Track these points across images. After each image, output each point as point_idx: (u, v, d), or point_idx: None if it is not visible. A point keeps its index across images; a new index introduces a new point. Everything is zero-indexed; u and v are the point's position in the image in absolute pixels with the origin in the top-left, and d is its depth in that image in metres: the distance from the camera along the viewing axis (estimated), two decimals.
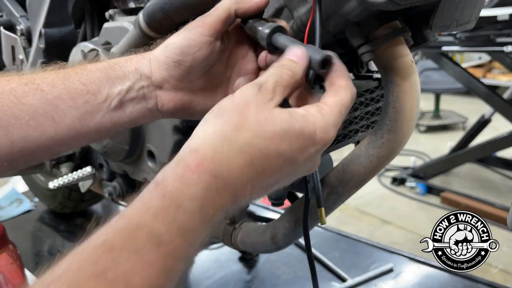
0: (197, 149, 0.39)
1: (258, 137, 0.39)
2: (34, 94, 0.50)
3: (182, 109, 0.55)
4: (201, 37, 0.51)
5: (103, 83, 0.52)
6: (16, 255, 1.01)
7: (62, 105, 0.51)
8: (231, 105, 0.41)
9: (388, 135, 0.62)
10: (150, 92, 0.53)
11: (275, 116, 0.41)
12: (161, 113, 0.55)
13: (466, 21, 0.56)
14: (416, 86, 0.61)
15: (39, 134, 0.50)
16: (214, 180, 0.38)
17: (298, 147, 0.41)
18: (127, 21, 0.73)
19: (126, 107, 0.53)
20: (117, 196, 1.00)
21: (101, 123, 0.53)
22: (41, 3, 0.93)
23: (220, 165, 0.38)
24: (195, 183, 0.37)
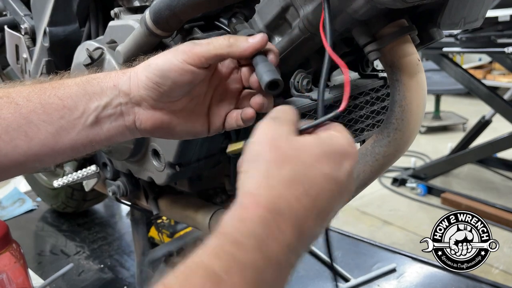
0: (251, 192, 0.38)
1: (301, 166, 0.40)
2: (8, 108, 0.50)
3: (161, 128, 0.54)
4: (183, 64, 0.50)
5: (80, 98, 0.51)
6: (19, 254, 1.01)
7: (36, 120, 0.50)
8: (261, 147, 0.41)
9: (394, 133, 0.62)
10: (128, 109, 0.52)
11: (304, 143, 0.41)
12: (139, 131, 0.54)
13: (474, 19, 0.57)
14: (423, 84, 0.61)
15: (12, 149, 0.49)
16: (272, 215, 0.36)
17: (336, 164, 0.41)
18: (132, 19, 0.73)
19: (103, 124, 0.52)
20: (121, 195, 1.00)
21: (77, 140, 0.52)
22: (46, 2, 0.93)
23: (277, 201, 0.37)
24: (253, 220, 0.36)
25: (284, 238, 0.36)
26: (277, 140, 0.41)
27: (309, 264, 1.26)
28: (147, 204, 1.03)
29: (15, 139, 0.49)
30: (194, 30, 0.65)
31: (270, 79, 0.49)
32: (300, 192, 0.38)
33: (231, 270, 0.33)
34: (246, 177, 0.40)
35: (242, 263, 0.34)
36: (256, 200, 0.37)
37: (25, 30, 1.03)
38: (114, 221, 1.82)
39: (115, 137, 0.54)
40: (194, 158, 0.83)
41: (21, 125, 0.49)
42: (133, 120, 0.53)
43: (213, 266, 0.33)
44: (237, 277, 0.33)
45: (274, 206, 0.37)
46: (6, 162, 0.50)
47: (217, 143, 0.84)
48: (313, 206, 0.39)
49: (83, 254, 1.56)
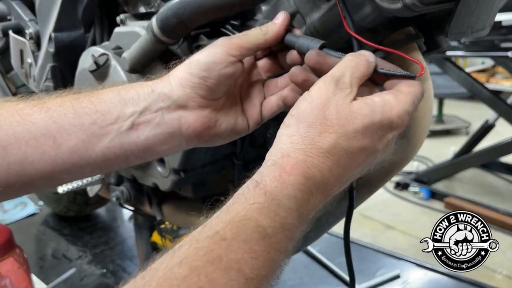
0: (289, 154, 0.41)
1: (342, 138, 0.42)
2: (39, 113, 0.48)
3: (209, 128, 0.52)
4: (226, 55, 0.50)
5: (114, 103, 0.49)
6: (23, 259, 1.01)
7: (66, 125, 0.47)
8: (311, 107, 0.43)
9: (400, 141, 0.62)
10: (171, 114, 0.50)
11: (355, 114, 0.42)
12: (185, 137, 0.52)
13: (482, 27, 0.56)
14: (429, 92, 0.61)
15: (39, 156, 0.47)
16: (307, 181, 0.40)
17: (378, 137, 0.43)
18: (138, 25, 0.73)
19: (140, 131, 0.49)
20: (124, 200, 1.00)
21: (109, 148, 0.49)
22: (51, 8, 0.93)
23: (312, 168, 0.40)
24: (292, 184, 0.39)
25: (314, 202, 0.41)
26: (328, 105, 0.42)
27: (313, 271, 1.26)
28: (151, 210, 1.03)
29: (42, 145, 0.47)
30: (200, 37, 0.65)
31: (321, 43, 0.51)
32: (334, 163, 0.41)
33: (276, 226, 0.38)
34: (286, 132, 0.43)
35: (284, 222, 0.38)
36: (293, 164, 0.40)
37: (30, 35, 1.03)
38: (116, 226, 1.82)
39: (155, 146, 0.51)
40: (199, 164, 0.83)
41: (50, 130, 0.47)
42: (179, 124, 0.51)
43: (262, 222, 0.37)
44: (280, 233, 0.38)
45: (309, 173, 0.40)
46: (32, 171, 0.47)
47: (222, 149, 0.84)
48: (342, 176, 0.43)
49: (85, 258, 1.55)
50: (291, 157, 0.41)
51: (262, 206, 0.38)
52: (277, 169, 0.40)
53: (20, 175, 0.47)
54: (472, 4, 0.52)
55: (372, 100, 0.44)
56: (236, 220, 0.37)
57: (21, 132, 0.46)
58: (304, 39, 0.53)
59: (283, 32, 0.53)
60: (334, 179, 0.42)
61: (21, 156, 0.46)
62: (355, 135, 0.42)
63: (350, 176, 0.44)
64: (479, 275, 2.04)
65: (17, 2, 1.14)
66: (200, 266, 0.35)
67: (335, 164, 0.41)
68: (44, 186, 0.51)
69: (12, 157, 0.46)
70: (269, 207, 0.38)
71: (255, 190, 0.39)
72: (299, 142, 0.41)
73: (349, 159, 0.42)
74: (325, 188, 0.42)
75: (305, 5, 0.60)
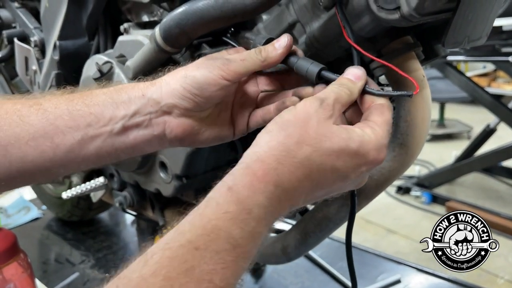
0: (263, 159, 0.42)
1: (317, 153, 0.43)
2: (37, 114, 0.51)
3: (191, 135, 0.55)
4: (221, 79, 0.51)
5: (106, 106, 0.52)
6: (27, 264, 1.02)
7: (62, 126, 0.51)
8: (293, 118, 0.44)
9: (399, 148, 0.63)
10: (158, 118, 0.53)
11: (333, 134, 0.44)
12: (168, 140, 0.55)
13: (478, 37, 0.57)
14: (428, 100, 0.62)
15: (38, 155, 0.50)
16: (276, 189, 0.41)
17: (352, 165, 0.44)
18: (141, 34, 0.75)
19: (130, 133, 0.53)
20: (127, 205, 1.01)
21: (102, 148, 0.52)
22: (56, 16, 0.95)
23: (282, 177, 0.41)
24: (262, 191, 0.40)
25: (280, 210, 0.42)
26: (310, 120, 0.44)
27: (315, 275, 1.26)
28: (153, 215, 1.04)
29: (41, 145, 0.50)
30: (203, 46, 0.66)
31: (320, 67, 0.52)
32: (304, 175, 0.42)
33: (246, 237, 0.39)
34: (265, 137, 0.44)
35: (253, 231, 0.39)
36: (265, 170, 0.41)
37: (35, 43, 1.05)
38: (119, 230, 1.83)
39: (142, 146, 0.54)
40: (201, 171, 0.84)
41: (48, 131, 0.50)
42: (163, 128, 0.54)
43: (233, 233, 0.38)
44: (250, 243, 0.39)
45: (279, 182, 0.41)
46: (32, 168, 0.50)
47: (224, 155, 0.85)
48: (310, 191, 0.44)
49: (88, 263, 1.56)
50: (265, 162, 0.41)
51: (234, 216, 0.39)
52: (249, 174, 0.41)
53: (21, 171, 0.50)
54: (468, 14, 0.53)
55: (351, 129, 0.45)
56: (208, 228, 0.38)
57: (20, 133, 0.50)
58: (304, 62, 0.54)
59: (282, 58, 0.54)
60: (302, 191, 0.43)
61: (21, 155, 0.50)
62: (330, 154, 0.43)
63: (317, 194, 0.45)
64: (481, 279, 2.04)
65: (22, 10, 1.16)
66: (174, 277, 0.36)
67: (305, 176, 0.42)
68: (43, 179, 0.56)
69: (13, 155, 0.50)
70: (240, 217, 0.39)
71: (227, 195, 0.40)
72: (275, 148, 0.42)
73: (320, 176, 0.43)
74: (292, 197, 0.42)
75: (305, 15, 0.61)
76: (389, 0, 0.50)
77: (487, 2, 0.54)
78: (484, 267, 2.13)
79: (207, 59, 0.54)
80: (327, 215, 0.68)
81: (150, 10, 0.86)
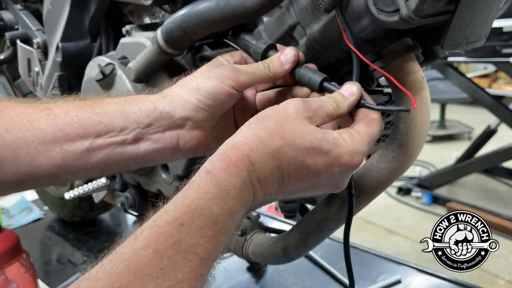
0: (237, 146, 0.45)
1: (288, 146, 0.45)
2: (47, 119, 0.51)
3: (204, 145, 0.56)
4: (231, 89, 0.53)
5: (117, 116, 0.53)
6: (29, 264, 1.02)
7: (71, 134, 0.51)
8: (272, 113, 0.47)
9: (399, 149, 0.63)
10: (171, 131, 0.54)
11: (308, 132, 0.46)
12: (182, 152, 0.56)
13: (477, 39, 0.58)
14: (427, 101, 0.63)
15: (46, 160, 0.51)
16: (249, 174, 0.44)
17: (322, 164, 0.46)
18: (143, 36, 0.75)
19: (141, 144, 0.54)
20: (129, 206, 1.01)
21: (111, 156, 0.53)
22: (58, 18, 0.95)
23: (254, 163, 0.44)
24: (237, 175, 0.43)
25: (254, 191, 0.45)
26: (288, 116, 0.46)
27: (315, 275, 1.27)
28: None
29: (50, 151, 0.51)
30: (204, 48, 0.66)
31: (323, 77, 0.54)
32: (275, 166, 0.45)
33: (225, 214, 0.42)
34: (244, 128, 0.47)
35: (231, 210, 0.43)
36: (239, 156, 0.44)
37: (38, 45, 1.06)
38: (121, 231, 1.84)
39: (153, 157, 0.55)
40: None
41: (57, 137, 0.51)
42: (176, 141, 0.54)
43: (214, 210, 0.41)
44: (228, 220, 0.42)
45: (251, 168, 0.44)
46: (40, 172, 0.51)
47: None
48: (282, 182, 0.46)
49: (90, 263, 1.57)
50: (238, 149, 0.44)
51: (214, 196, 0.42)
52: (225, 159, 0.44)
53: (29, 175, 0.51)
54: (467, 16, 0.53)
55: (328, 131, 0.47)
56: (192, 207, 0.41)
57: (29, 137, 0.50)
58: (306, 70, 0.55)
59: (289, 70, 0.56)
60: (273, 180, 0.45)
61: (30, 159, 0.50)
62: (301, 150, 0.45)
63: (290, 187, 0.47)
64: (482, 280, 2.04)
65: (24, 12, 1.17)
66: (162, 250, 0.38)
67: (276, 167, 0.45)
68: (50, 183, 0.56)
69: (22, 159, 0.50)
70: (220, 197, 0.42)
71: (206, 178, 0.43)
72: (250, 138, 0.45)
73: (290, 169, 0.45)
74: (264, 184, 0.45)
75: (305, 17, 0.62)
76: (388, 3, 0.51)
77: (486, 4, 0.54)
78: (485, 268, 2.13)
79: (214, 67, 0.55)
80: (327, 215, 0.69)
81: (152, 12, 0.87)
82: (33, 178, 0.52)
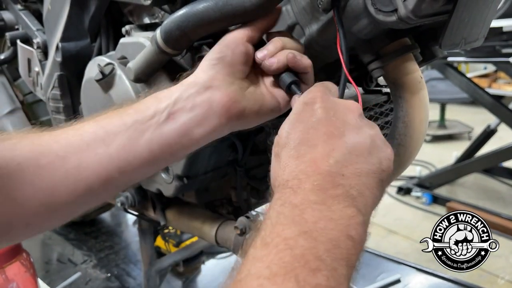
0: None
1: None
2: (89, 124, 0.54)
3: (237, 102, 0.56)
4: (235, 35, 0.56)
5: (150, 102, 0.55)
6: (29, 264, 1.03)
7: (111, 127, 0.54)
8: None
9: (397, 149, 0.63)
10: (201, 96, 0.55)
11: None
12: (217, 115, 0.55)
13: (475, 39, 0.58)
14: (425, 101, 0.63)
15: (92, 159, 0.52)
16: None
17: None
18: (143, 36, 0.75)
19: (176, 119, 0.55)
20: (129, 205, 1.02)
21: (152, 140, 0.54)
22: (58, 18, 0.95)
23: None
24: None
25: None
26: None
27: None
28: (155, 215, 1.05)
29: (94, 148, 0.52)
30: (203, 48, 0.67)
31: (292, 80, 0.57)
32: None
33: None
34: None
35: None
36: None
37: (38, 45, 1.06)
38: (121, 230, 1.84)
39: (192, 129, 0.55)
40: (202, 171, 0.85)
41: (99, 134, 0.53)
42: (209, 104, 0.55)
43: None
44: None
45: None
46: (88, 174, 0.52)
47: (224, 156, 0.86)
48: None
49: (90, 263, 1.57)
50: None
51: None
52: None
53: (78, 180, 0.52)
54: (465, 16, 0.53)
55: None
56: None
57: (75, 142, 0.52)
58: (286, 77, 0.57)
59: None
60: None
61: (77, 162, 0.52)
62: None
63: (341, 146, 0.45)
64: (481, 280, 2.04)
65: (25, 12, 1.17)
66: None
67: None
68: (101, 190, 0.54)
69: (70, 164, 0.51)
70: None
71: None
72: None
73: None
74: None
75: (304, 17, 0.62)
76: (386, 3, 0.51)
77: (484, 4, 0.55)
78: (485, 268, 2.13)
79: None
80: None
81: (151, 12, 0.87)
82: (83, 184, 0.52)
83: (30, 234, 0.55)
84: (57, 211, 0.53)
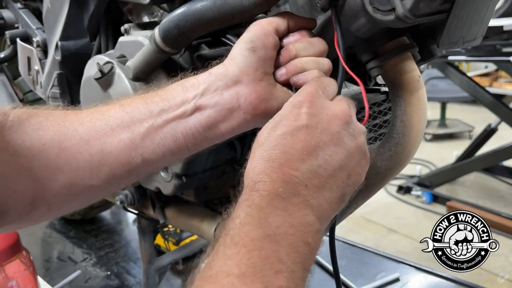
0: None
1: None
2: (114, 108, 0.54)
3: (265, 100, 0.54)
4: (265, 27, 0.54)
5: (177, 91, 0.54)
6: (29, 262, 1.03)
7: (137, 114, 0.53)
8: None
9: (395, 148, 0.64)
10: (229, 90, 0.53)
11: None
12: (243, 111, 0.54)
13: (473, 38, 0.58)
14: (423, 100, 0.63)
15: (116, 144, 0.52)
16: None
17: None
18: (141, 35, 0.75)
19: (202, 110, 0.54)
20: (128, 204, 1.02)
21: (176, 129, 0.53)
22: (58, 17, 0.96)
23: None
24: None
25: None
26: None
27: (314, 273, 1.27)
28: (154, 213, 1.05)
29: (119, 134, 0.53)
30: (202, 47, 0.67)
31: None
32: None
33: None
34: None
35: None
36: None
37: (37, 43, 1.06)
38: (121, 228, 1.85)
39: (217, 123, 0.54)
40: (200, 169, 0.85)
41: (124, 120, 0.53)
42: (236, 99, 0.54)
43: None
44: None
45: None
46: (111, 160, 0.52)
47: (223, 154, 0.86)
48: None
49: (90, 261, 1.58)
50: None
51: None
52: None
53: (101, 165, 0.52)
54: (463, 15, 0.53)
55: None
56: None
57: (100, 126, 0.53)
58: None
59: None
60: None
61: (101, 147, 0.52)
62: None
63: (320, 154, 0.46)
64: (481, 279, 2.04)
65: (24, 10, 1.17)
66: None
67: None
68: (124, 177, 0.55)
69: (94, 148, 0.52)
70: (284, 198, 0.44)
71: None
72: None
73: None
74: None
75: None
76: (384, 2, 0.51)
77: (482, 3, 0.55)
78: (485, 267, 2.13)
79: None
80: None
81: (150, 11, 0.87)
82: (106, 169, 0.52)
83: (50, 216, 0.55)
84: (78, 194, 0.53)
